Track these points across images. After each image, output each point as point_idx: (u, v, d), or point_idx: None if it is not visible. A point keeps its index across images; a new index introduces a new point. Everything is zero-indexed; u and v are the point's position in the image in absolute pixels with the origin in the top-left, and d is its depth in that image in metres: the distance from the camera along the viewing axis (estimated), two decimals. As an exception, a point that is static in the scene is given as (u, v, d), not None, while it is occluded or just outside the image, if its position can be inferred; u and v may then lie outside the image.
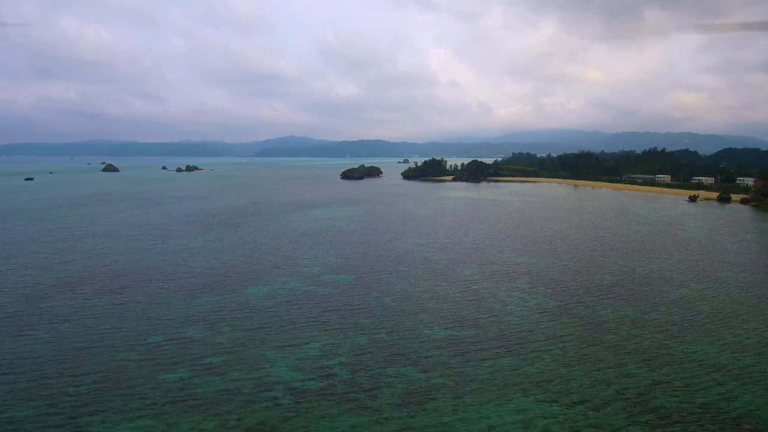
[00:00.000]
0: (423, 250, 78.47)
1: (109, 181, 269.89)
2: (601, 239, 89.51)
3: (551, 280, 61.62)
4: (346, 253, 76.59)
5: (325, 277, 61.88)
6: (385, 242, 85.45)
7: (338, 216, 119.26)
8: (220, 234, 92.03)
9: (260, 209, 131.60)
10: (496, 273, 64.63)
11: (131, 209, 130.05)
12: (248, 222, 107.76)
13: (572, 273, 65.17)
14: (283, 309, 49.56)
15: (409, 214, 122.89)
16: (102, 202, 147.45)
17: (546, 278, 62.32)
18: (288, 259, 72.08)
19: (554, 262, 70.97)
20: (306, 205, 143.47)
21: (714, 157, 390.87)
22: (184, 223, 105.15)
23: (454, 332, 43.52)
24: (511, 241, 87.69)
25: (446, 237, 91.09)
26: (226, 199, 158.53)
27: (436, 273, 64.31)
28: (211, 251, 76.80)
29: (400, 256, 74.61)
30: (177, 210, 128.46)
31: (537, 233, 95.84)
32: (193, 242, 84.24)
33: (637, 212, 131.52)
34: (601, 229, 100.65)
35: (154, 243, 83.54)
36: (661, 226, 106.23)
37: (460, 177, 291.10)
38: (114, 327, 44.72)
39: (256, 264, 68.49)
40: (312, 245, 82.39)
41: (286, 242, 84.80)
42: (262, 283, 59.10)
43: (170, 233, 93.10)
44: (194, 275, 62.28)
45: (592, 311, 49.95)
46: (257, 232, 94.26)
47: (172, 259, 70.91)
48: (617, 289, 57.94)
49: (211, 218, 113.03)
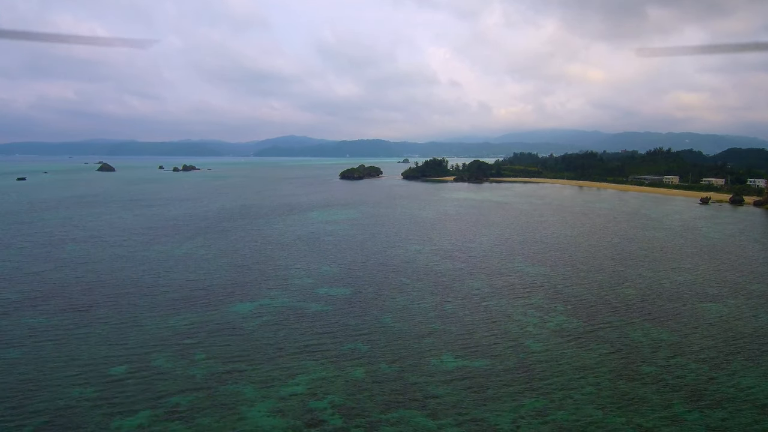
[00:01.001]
0: (426, 258, 72.38)
1: (102, 181, 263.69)
2: (618, 246, 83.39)
3: (570, 294, 55.51)
4: (342, 261, 70.51)
5: (319, 291, 55.75)
6: (385, 249, 79.36)
7: (336, 219, 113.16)
8: (208, 240, 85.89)
9: (253, 212, 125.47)
10: (508, 286, 58.50)
11: (118, 211, 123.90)
12: (239, 226, 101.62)
13: (592, 286, 59.05)
14: (269, 331, 43.42)
15: (410, 218, 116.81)
16: (90, 204, 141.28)
17: (564, 292, 56.21)
18: (279, 268, 65.94)
19: (571, 273, 64.85)
20: (302, 207, 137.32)
21: (718, 157, 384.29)
22: (171, 227, 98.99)
23: (466, 362, 37.40)
24: (520, 247, 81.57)
25: (450, 243, 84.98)
26: (218, 201, 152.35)
27: (442, 286, 58.20)
28: (196, 259, 70.65)
29: (402, 265, 68.52)
30: (166, 212, 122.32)
31: (547, 239, 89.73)
32: (178, 249, 78.10)
33: (649, 215, 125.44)
34: (616, 235, 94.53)
35: (136, 250, 77.40)
36: (678, 231, 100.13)
37: (462, 177, 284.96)
38: (72, 354, 38.62)
39: (244, 275, 62.33)
40: (306, 252, 76.29)
41: (278, 249, 78.69)
42: (247, 297, 52.95)
43: (155, 238, 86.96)
44: (173, 288, 56.13)
45: (622, 334, 43.84)
46: (248, 238, 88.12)
47: (152, 269, 64.75)
48: (645, 306, 51.82)
49: (201, 222, 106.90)
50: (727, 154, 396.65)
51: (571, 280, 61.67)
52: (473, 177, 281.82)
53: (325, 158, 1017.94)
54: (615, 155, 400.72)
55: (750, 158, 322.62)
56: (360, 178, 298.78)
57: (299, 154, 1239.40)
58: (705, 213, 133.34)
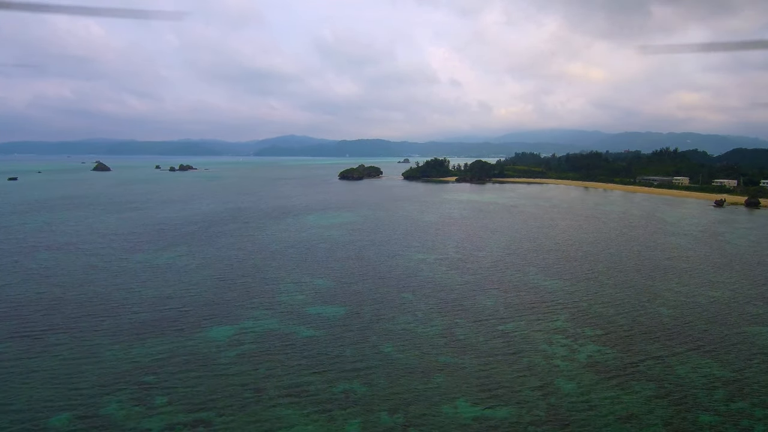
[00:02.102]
0: (431, 270, 65.50)
1: (94, 181, 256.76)
2: (640, 255, 76.50)
3: (597, 315, 48.62)
4: (338, 273, 63.62)
5: (311, 310, 48.87)
6: (385, 258, 72.49)
7: (333, 223, 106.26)
8: (193, 247, 78.96)
9: (245, 215, 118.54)
10: (526, 304, 51.62)
11: (102, 214, 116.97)
12: (228, 231, 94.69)
13: (621, 304, 52.15)
14: (247, 366, 36.53)
15: (412, 222, 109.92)
16: (75, 206, 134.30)
17: (590, 312, 49.33)
18: (267, 282, 59.03)
19: (594, 288, 57.95)
20: (297, 210, 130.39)
21: (723, 158, 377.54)
22: (155, 233, 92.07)
23: (487, 411, 30.54)
24: (534, 257, 74.69)
25: (457, 251, 78.11)
26: (210, 203, 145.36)
27: (450, 304, 51.31)
28: (176, 271, 63.73)
29: (404, 277, 61.63)
30: (153, 216, 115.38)
31: (562, 247, 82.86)
32: (159, 258, 71.20)
33: (665, 219, 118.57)
34: (635, 241, 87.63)
35: (112, 259, 70.53)
36: (700, 238, 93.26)
37: (464, 178, 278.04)
38: (8, 397, 31.78)
39: (226, 290, 55.41)
40: (298, 262, 69.40)
41: (268, 258, 71.80)
42: (227, 319, 46.05)
43: (136, 245, 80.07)
44: (145, 307, 49.24)
45: (667, 369, 36.96)
46: (236, 245, 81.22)
47: (125, 283, 57.84)
48: (686, 330, 44.93)
49: (188, 226, 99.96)
50: (733, 155, 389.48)
51: (595, 296, 54.79)
52: (476, 177, 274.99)
53: (325, 158, 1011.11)
54: (618, 155, 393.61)
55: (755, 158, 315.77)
56: (359, 178, 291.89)
57: (299, 154, 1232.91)
58: (722, 217, 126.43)
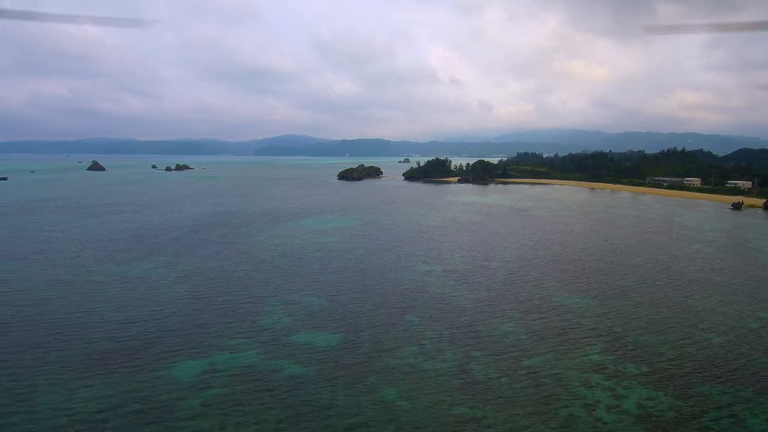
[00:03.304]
0: (438, 285, 57.93)
1: (86, 181, 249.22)
2: (669, 267, 68.92)
3: (638, 345, 41.03)
4: (334, 288, 56.07)
5: (299, 339, 41.31)
6: (387, 270, 64.94)
7: (329, 228, 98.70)
8: (174, 256, 71.38)
9: (236, 219, 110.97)
10: (551, 330, 44.03)
11: (84, 218, 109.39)
12: (215, 238, 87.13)
13: (662, 330, 44.57)
14: (212, 422, 28.97)
15: (415, 226, 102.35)
16: (57, 209, 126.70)
17: (628, 341, 41.75)
18: (251, 300, 51.46)
19: (627, 308, 50.36)
20: (292, 213, 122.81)
21: (729, 158, 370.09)
22: (135, 239, 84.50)
23: (522, 496, 22.96)
24: (552, 268, 67.11)
25: (465, 261, 70.55)
26: (200, 206, 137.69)
27: (462, 329, 43.75)
28: (148, 286, 56.14)
29: (408, 294, 54.08)
30: (136, 219, 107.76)
31: (581, 256, 75.32)
32: (132, 269, 63.64)
33: (684, 224, 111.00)
34: (659, 250, 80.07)
35: (80, 271, 62.98)
36: (727, 245, 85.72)
37: (467, 178, 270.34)
38: None
39: (203, 312, 47.83)
40: (290, 275, 61.84)
41: (255, 270, 64.24)
42: (198, 352, 38.48)
43: (111, 254, 72.53)
44: (102, 335, 41.67)
45: (737, 422, 29.42)
46: (221, 254, 73.66)
47: (87, 303, 50.27)
48: (749, 367, 37.25)
49: (172, 232, 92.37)
50: (739, 155, 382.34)
51: (630, 319, 47.21)
52: (478, 178, 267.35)
53: (325, 157, 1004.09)
54: (622, 155, 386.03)
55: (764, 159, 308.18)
56: (359, 178, 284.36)
57: (299, 154, 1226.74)
58: (743, 221, 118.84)
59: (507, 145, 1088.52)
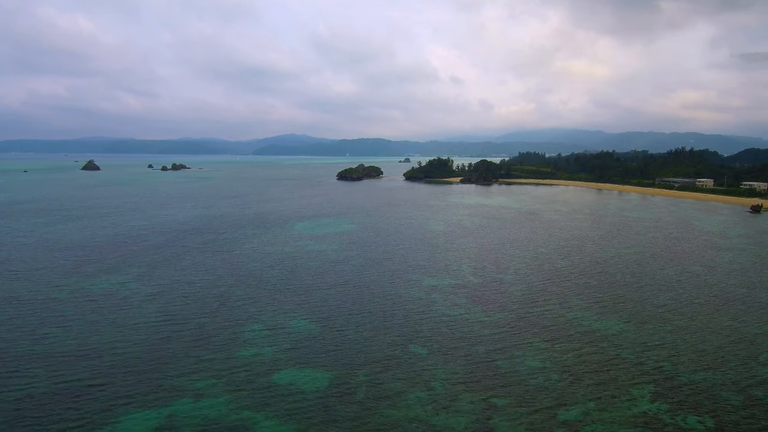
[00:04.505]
0: (447, 303, 50.51)
1: (76, 182, 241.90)
2: (705, 282, 61.45)
3: (693, 387, 33.58)
4: (326, 308, 48.64)
5: (281, 380, 33.91)
6: (387, 284, 57.51)
7: (325, 234, 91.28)
8: (147, 269, 63.87)
9: (225, 223, 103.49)
10: (586, 365, 36.56)
11: (63, 222, 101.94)
12: (200, 245, 79.71)
13: (716, 365, 37.08)
14: None
15: (417, 232, 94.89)
16: (37, 211, 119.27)
17: (681, 382, 34.29)
18: (229, 325, 44.01)
19: (669, 336, 42.87)
20: (287, 216, 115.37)
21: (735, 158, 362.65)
22: (112, 246, 77.06)
23: None
24: (574, 283, 59.65)
25: (476, 273, 63.12)
26: (189, 208, 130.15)
27: (479, 366, 36.31)
28: (113, 306, 48.72)
29: (413, 316, 46.65)
30: (119, 223, 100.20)
31: (604, 267, 67.87)
32: (101, 283, 56.24)
33: (705, 228, 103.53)
34: (687, 260, 72.62)
35: (42, 285, 55.61)
36: (760, 254, 78.26)
37: (470, 179, 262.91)
38: None
39: (169, 341, 40.37)
40: (277, 291, 54.42)
41: (239, 285, 56.80)
42: (153, 399, 31.04)
43: (82, 265, 65.15)
44: (44, 372, 34.26)
45: None
46: (203, 265, 66.22)
47: (39, 327, 42.86)
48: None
49: (153, 238, 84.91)
50: (745, 155, 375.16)
51: (677, 350, 39.74)
52: (481, 178, 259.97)
53: (325, 157, 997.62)
54: (626, 155, 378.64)
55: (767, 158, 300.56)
56: (359, 179, 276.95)
57: (299, 153, 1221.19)
58: (767, 225, 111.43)
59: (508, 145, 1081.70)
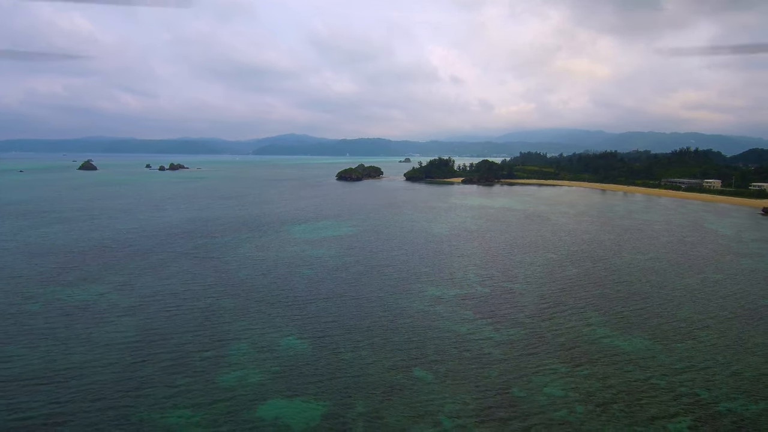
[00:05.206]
0: (453, 318, 46.29)
1: (71, 182, 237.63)
2: (731, 292, 57.18)
3: (736, 420, 29.35)
4: (322, 324, 44.43)
5: (267, 413, 29.69)
6: (388, 295, 53.29)
7: (322, 238, 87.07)
8: (130, 277, 59.63)
9: (218, 227, 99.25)
10: (614, 393, 32.32)
11: (48, 225, 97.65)
12: (189, 250, 75.48)
13: (756, 389, 32.80)
14: None
15: (419, 235, 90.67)
16: (24, 213, 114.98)
17: (720, 412, 30.05)
18: (211, 346, 39.75)
19: (701, 356, 38.62)
20: (283, 219, 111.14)
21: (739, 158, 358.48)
22: (96, 252, 72.83)
23: None
24: (589, 294, 55.39)
25: (483, 283, 58.88)
26: (181, 210, 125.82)
27: (493, 396, 32.10)
28: (87, 321, 44.49)
29: (416, 333, 42.41)
30: (105, 226, 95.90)
31: (619, 275, 63.63)
32: (78, 294, 52.05)
33: (719, 232, 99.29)
34: (708, 267, 68.36)
35: (15, 297, 51.42)
36: (783, 260, 74.11)
37: (471, 179, 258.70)
38: None
39: (144, 364, 36.11)
40: (268, 304, 50.20)
41: (227, 296, 52.57)
42: (118, 439, 26.87)
43: (60, 273, 60.93)
44: (-6, 405, 30.09)
45: None
46: (189, 273, 61.96)
47: (2, 347, 38.69)
48: None
49: (141, 242, 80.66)
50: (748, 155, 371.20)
51: (712, 373, 35.48)
52: (483, 178, 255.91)
53: (325, 157, 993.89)
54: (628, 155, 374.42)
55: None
56: (359, 179, 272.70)
57: (299, 153, 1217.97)
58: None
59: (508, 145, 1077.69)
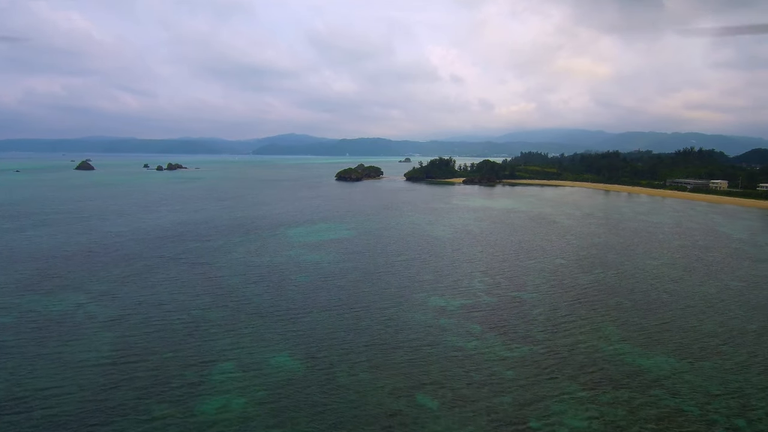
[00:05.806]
0: (459, 332, 42.61)
1: (66, 182, 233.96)
2: (755, 303, 53.57)
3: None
4: (316, 339, 40.77)
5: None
6: (388, 306, 49.63)
7: (320, 242, 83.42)
8: (114, 285, 55.91)
9: (211, 230, 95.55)
10: (641, 423, 28.67)
11: (36, 227, 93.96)
12: (178, 255, 71.81)
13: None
14: None
15: (421, 239, 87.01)
16: (11, 215, 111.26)
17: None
18: (193, 365, 36.07)
19: (730, 377, 34.90)
20: (279, 221, 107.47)
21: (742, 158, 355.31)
22: (81, 257, 69.17)
23: None
24: (603, 304, 51.73)
25: (490, 292, 55.23)
26: (175, 212, 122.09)
27: (505, 425, 28.44)
28: (62, 336, 40.83)
29: (419, 351, 38.73)
30: (94, 229, 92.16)
31: (633, 283, 59.97)
32: (55, 305, 48.40)
33: (732, 235, 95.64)
34: (726, 273, 64.70)
35: (-16, 307, 47.74)
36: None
37: (472, 179, 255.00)
38: None
39: (116, 388, 32.46)
40: (259, 316, 46.54)
41: (215, 306, 48.89)
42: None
43: (40, 280, 57.29)
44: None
45: None
46: (179, 280, 58.28)
47: (-42, 366, 35.01)
48: None
49: (129, 247, 76.98)
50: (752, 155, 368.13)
51: (744, 395, 31.84)
52: (485, 179, 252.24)
53: (325, 157, 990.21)
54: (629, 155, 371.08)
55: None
56: (358, 179, 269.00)
57: (299, 153, 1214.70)
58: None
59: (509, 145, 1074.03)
